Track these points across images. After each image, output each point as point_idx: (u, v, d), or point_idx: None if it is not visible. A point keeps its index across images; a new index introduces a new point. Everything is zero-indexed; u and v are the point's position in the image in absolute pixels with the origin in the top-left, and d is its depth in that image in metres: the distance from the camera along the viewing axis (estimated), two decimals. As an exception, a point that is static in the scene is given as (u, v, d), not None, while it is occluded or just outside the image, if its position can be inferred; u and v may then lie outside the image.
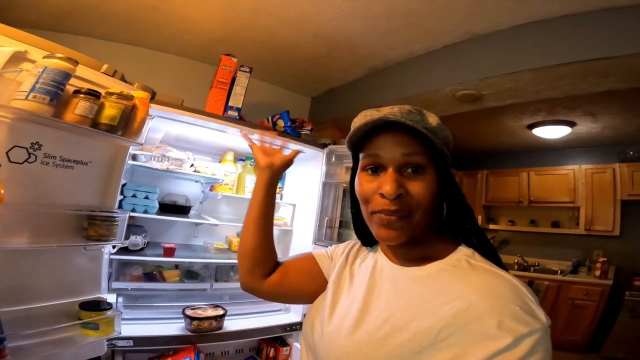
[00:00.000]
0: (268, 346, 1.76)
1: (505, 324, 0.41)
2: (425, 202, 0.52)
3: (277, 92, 2.76)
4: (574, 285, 3.19)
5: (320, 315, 0.62)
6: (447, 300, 0.46)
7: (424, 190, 0.52)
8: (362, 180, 0.57)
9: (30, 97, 0.83)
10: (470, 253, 0.54)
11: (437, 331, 0.44)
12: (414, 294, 0.52)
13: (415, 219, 0.52)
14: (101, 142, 1.02)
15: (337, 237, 1.76)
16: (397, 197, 0.51)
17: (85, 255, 1.03)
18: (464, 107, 2.14)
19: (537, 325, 0.41)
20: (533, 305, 0.43)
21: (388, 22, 1.79)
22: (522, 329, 0.40)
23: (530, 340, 0.40)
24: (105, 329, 0.99)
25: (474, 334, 0.42)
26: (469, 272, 0.50)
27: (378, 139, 0.54)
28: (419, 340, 0.45)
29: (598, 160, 3.50)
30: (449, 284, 0.49)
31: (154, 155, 1.53)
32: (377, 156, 0.54)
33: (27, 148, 0.86)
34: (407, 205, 0.52)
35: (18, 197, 0.84)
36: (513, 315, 0.41)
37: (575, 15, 1.51)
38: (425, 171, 0.53)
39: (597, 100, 2.51)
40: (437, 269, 0.53)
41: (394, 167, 0.52)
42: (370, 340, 0.50)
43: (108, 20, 1.95)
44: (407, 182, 0.52)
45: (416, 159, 0.52)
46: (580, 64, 1.50)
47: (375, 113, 0.53)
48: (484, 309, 0.43)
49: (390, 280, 0.57)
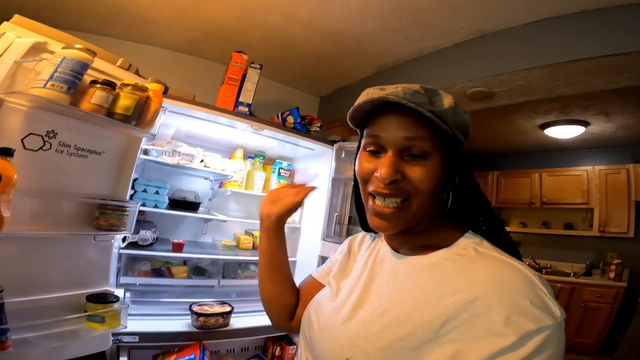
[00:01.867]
0: (274, 345, 1.75)
1: (513, 320, 0.38)
2: (424, 188, 0.48)
3: (286, 91, 2.78)
4: (588, 287, 3.13)
5: (316, 309, 0.61)
6: (451, 292, 0.43)
7: (423, 177, 0.48)
8: (361, 159, 0.54)
9: (49, 85, 0.84)
10: (478, 240, 0.50)
11: (439, 325, 0.42)
12: (416, 284, 0.48)
13: (413, 207, 0.49)
14: (115, 132, 1.03)
15: (346, 233, 1.74)
16: (393, 182, 0.48)
17: (95, 246, 1.04)
18: (475, 105, 2.12)
19: (548, 321, 0.38)
20: (547, 298, 0.40)
21: (397, 20, 1.79)
22: (530, 326, 0.37)
23: (538, 338, 0.37)
24: (111, 322, 0.98)
25: (478, 330, 0.39)
26: (476, 261, 0.46)
27: (382, 118, 0.51)
28: (420, 334, 0.42)
29: (612, 160, 3.44)
30: (454, 274, 0.46)
31: (165, 150, 1.55)
32: (377, 137, 0.51)
33: (42, 136, 0.87)
34: (403, 190, 0.49)
35: (31, 183, 0.84)
36: (523, 310, 0.38)
37: (588, 12, 1.49)
38: (428, 157, 0.49)
39: (611, 99, 2.47)
40: (441, 257, 0.49)
41: (394, 150, 0.49)
42: (367, 334, 0.47)
43: (121, 19, 1.99)
44: (406, 166, 0.49)
45: (419, 144, 0.48)
46: (593, 60, 1.48)
47: (377, 92, 0.49)
48: (491, 303, 0.40)
49: (391, 270, 0.54)
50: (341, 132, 2.18)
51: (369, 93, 0.51)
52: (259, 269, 0.75)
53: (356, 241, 0.71)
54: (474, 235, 0.51)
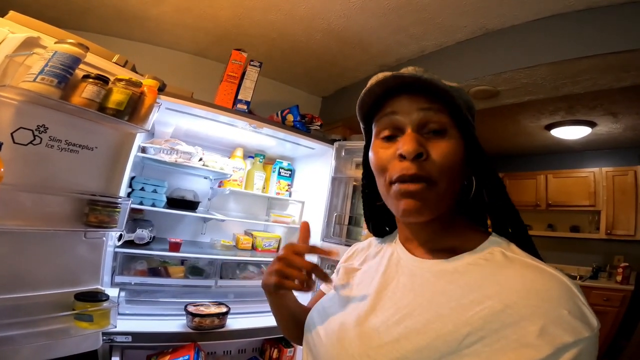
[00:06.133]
0: (272, 347, 1.72)
1: (548, 331, 0.34)
2: (450, 166, 0.45)
3: (288, 91, 2.76)
4: (594, 290, 3.07)
5: (320, 313, 0.56)
6: (478, 300, 0.39)
7: (447, 152, 0.45)
8: (376, 148, 0.50)
9: (39, 79, 0.83)
10: (506, 244, 0.46)
11: (463, 336, 0.37)
12: (437, 290, 0.44)
13: (441, 187, 0.45)
14: (108, 127, 1.02)
15: (346, 234, 1.71)
16: (417, 157, 0.44)
17: (86, 243, 1.02)
18: (480, 104, 2.08)
19: (586, 332, 0.35)
20: (584, 307, 0.36)
21: (399, 18, 1.76)
22: (567, 338, 0.34)
23: (574, 350, 0.34)
24: (99, 321, 0.95)
25: (507, 341, 0.35)
26: (506, 266, 0.42)
27: (394, 101, 0.48)
28: (439, 346, 0.38)
29: (619, 162, 3.37)
30: (480, 280, 0.42)
31: (163, 148, 1.53)
32: (393, 114, 0.47)
33: (32, 130, 0.86)
34: (428, 171, 0.44)
35: (19, 178, 0.83)
36: (559, 320, 0.35)
37: (593, 9, 1.46)
38: (448, 133, 0.46)
39: (618, 99, 2.42)
40: (465, 262, 0.45)
41: (413, 126, 0.46)
42: (380, 343, 0.43)
43: (122, 18, 1.99)
44: (428, 143, 0.45)
45: (437, 116, 0.45)
46: (599, 57, 1.44)
47: (387, 73, 0.47)
48: (525, 313, 0.36)
49: (409, 274, 0.50)
50: (342, 132, 2.16)
51: (380, 76, 0.47)
52: (283, 328, 0.69)
53: (363, 245, 0.67)
54: (499, 239, 0.47)
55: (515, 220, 0.48)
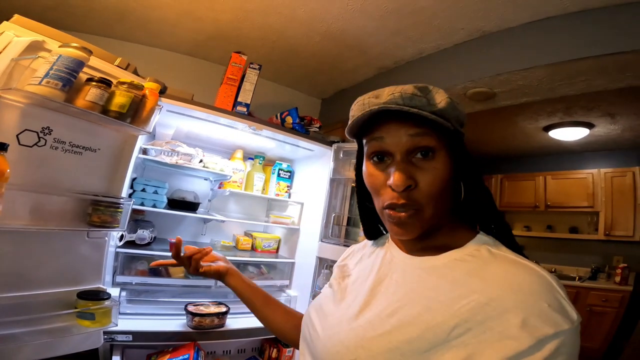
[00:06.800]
0: (271, 346, 1.73)
1: (530, 324, 0.37)
2: (436, 192, 0.48)
3: (288, 93, 2.79)
4: (593, 291, 3.08)
5: (317, 310, 0.59)
6: (464, 294, 0.42)
7: (434, 179, 0.48)
8: (369, 170, 0.53)
9: (44, 82, 0.85)
10: (492, 241, 0.49)
11: (451, 328, 0.40)
12: (427, 285, 0.47)
13: (427, 213, 0.48)
14: (110, 129, 1.04)
15: (345, 234, 1.73)
16: (406, 188, 0.47)
17: (89, 243, 1.03)
18: (477, 106, 2.10)
19: (565, 325, 0.37)
20: (564, 301, 0.39)
21: (397, 21, 1.79)
22: (547, 330, 0.36)
23: (555, 342, 0.36)
24: (101, 319, 0.97)
25: (492, 333, 0.38)
26: (490, 262, 0.45)
27: (382, 126, 0.50)
28: (429, 337, 0.41)
29: (618, 163, 3.39)
30: (467, 275, 0.44)
31: (163, 149, 1.55)
32: (381, 139, 0.50)
33: (37, 132, 0.88)
34: (415, 200, 0.48)
35: (24, 179, 0.85)
36: (540, 313, 0.37)
37: (588, 11, 1.48)
38: (437, 156, 0.48)
39: (616, 100, 2.44)
40: (453, 258, 0.48)
41: (401, 153, 0.48)
42: (374, 335, 0.45)
43: (123, 20, 2.02)
44: (417, 171, 0.48)
45: (425, 140, 0.48)
46: (595, 59, 1.46)
47: (373, 101, 0.49)
48: (507, 306, 0.39)
49: (401, 270, 0.53)
50: (342, 134, 2.17)
51: (365, 103, 0.50)
52: (253, 311, 0.81)
53: (359, 246, 0.70)
54: (486, 237, 0.50)
55: (499, 221, 0.52)
